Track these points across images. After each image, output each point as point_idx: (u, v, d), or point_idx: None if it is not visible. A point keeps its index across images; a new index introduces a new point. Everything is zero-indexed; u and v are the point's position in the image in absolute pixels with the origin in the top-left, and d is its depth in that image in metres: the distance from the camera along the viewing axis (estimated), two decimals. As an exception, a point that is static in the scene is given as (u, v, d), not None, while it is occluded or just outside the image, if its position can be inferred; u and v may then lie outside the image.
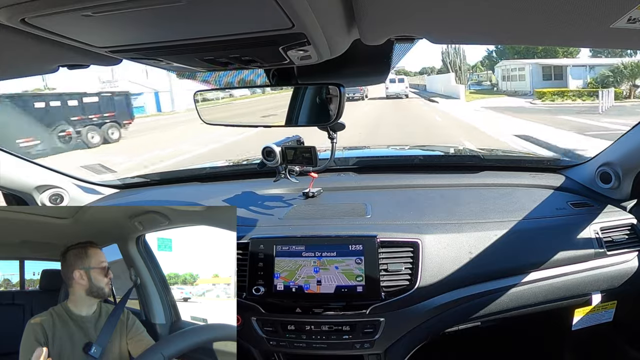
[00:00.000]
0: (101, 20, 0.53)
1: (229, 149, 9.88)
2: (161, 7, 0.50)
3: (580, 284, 1.25)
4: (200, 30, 0.62)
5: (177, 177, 1.86)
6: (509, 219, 1.27)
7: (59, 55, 0.75)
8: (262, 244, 1.20)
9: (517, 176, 1.57)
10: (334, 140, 1.33)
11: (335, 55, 0.81)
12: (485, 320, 1.27)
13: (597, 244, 1.26)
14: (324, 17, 0.59)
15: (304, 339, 1.17)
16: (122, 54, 0.73)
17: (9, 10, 0.50)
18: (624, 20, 0.56)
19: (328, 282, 1.14)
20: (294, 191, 1.54)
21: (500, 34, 0.74)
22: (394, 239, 1.19)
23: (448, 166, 1.76)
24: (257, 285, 1.16)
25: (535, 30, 0.70)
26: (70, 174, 1.62)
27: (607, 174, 1.38)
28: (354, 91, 24.96)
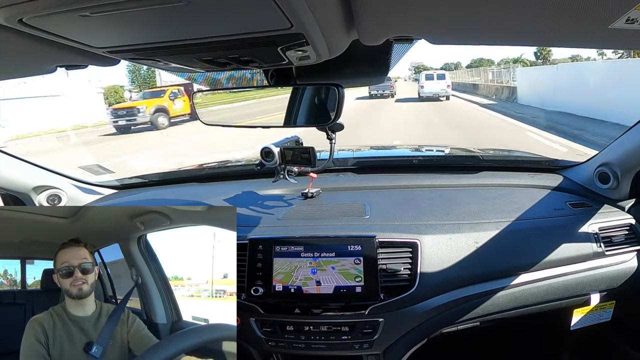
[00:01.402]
0: (99, 21, 0.53)
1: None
2: (159, 8, 0.50)
3: (579, 284, 1.26)
4: (199, 31, 0.62)
5: (175, 177, 1.86)
6: (507, 219, 1.27)
7: (56, 55, 0.75)
8: (261, 245, 1.20)
9: (515, 176, 1.58)
10: (333, 141, 1.33)
11: (334, 55, 0.81)
12: (484, 320, 1.27)
13: (595, 244, 1.26)
14: (322, 17, 0.59)
15: (302, 340, 1.17)
16: (120, 54, 0.73)
17: (6, 11, 0.50)
18: (622, 21, 0.56)
19: (327, 283, 1.14)
20: (293, 192, 1.54)
21: (498, 34, 0.75)
22: (392, 239, 1.19)
23: (447, 166, 1.76)
24: (255, 285, 1.16)
25: (534, 31, 0.70)
26: (68, 175, 1.62)
27: (605, 174, 1.38)
28: (382, 88, 22.17)
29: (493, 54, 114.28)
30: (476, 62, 47.97)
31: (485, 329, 1.33)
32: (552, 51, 37.89)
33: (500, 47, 43.28)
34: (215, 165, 2.03)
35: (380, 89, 22.38)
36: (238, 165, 1.96)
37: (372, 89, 22.44)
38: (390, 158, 2.07)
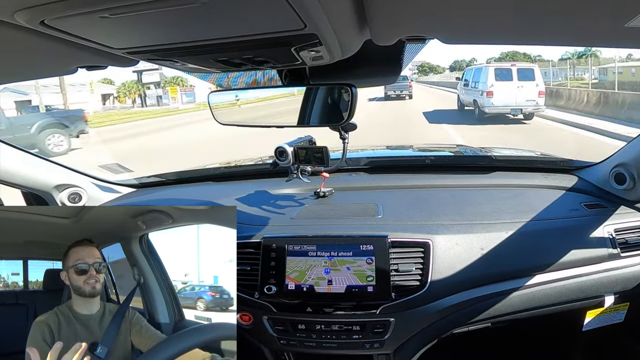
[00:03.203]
0: (118, 22, 0.55)
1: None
2: (177, 9, 0.51)
3: (593, 286, 1.24)
4: (215, 32, 0.63)
5: (192, 176, 1.89)
6: (520, 220, 1.26)
7: (77, 56, 0.77)
8: (274, 243, 1.21)
9: (529, 177, 1.56)
10: (346, 141, 1.33)
11: (346, 55, 0.81)
12: (496, 321, 1.26)
13: (610, 245, 1.24)
14: (335, 17, 0.60)
15: (314, 338, 1.18)
16: (139, 55, 0.74)
17: (28, 13, 0.52)
18: (639, 19, 0.56)
19: (339, 282, 1.15)
20: (306, 191, 1.55)
21: (513, 34, 0.74)
22: (404, 239, 1.19)
23: (459, 167, 1.75)
24: (268, 284, 1.17)
25: (549, 30, 0.70)
26: (89, 173, 1.65)
27: (621, 174, 1.36)
28: (400, 88, 19.68)
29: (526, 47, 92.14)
30: (509, 56, 38.17)
31: (496, 329, 1.32)
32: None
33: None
34: (230, 164, 2.06)
35: (398, 89, 20.01)
36: (252, 164, 1.98)
37: (389, 89, 19.91)
38: (403, 158, 2.07)
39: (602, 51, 27.60)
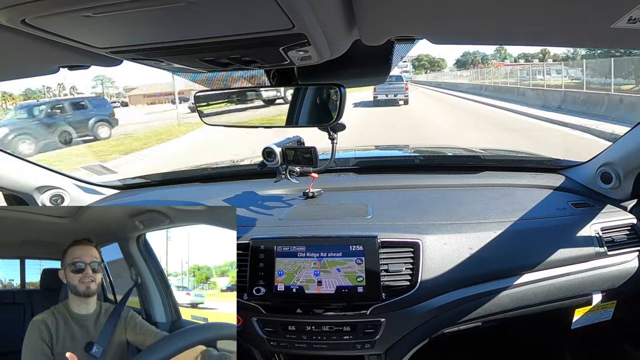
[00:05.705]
0: (102, 21, 0.53)
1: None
2: (162, 8, 0.50)
3: (581, 284, 1.25)
4: (201, 31, 0.62)
5: (177, 177, 1.86)
6: (509, 219, 1.27)
7: (59, 56, 0.75)
8: (263, 245, 1.20)
9: (517, 176, 1.57)
10: (335, 141, 1.33)
11: (335, 55, 0.81)
12: (486, 320, 1.27)
13: (597, 244, 1.25)
14: (324, 17, 0.59)
15: (304, 340, 1.17)
16: (123, 54, 0.73)
17: (9, 11, 0.50)
18: (624, 20, 0.56)
19: (329, 283, 1.14)
20: (295, 192, 1.54)
21: (500, 34, 0.75)
22: (394, 239, 1.18)
23: (449, 167, 1.75)
24: (257, 285, 1.16)
25: (535, 31, 0.70)
26: (71, 175, 1.62)
27: (607, 174, 1.38)
28: (394, 91, 16.40)
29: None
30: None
31: (486, 328, 1.32)
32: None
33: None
34: (216, 165, 2.03)
35: (390, 92, 16.64)
36: (239, 165, 1.96)
37: (379, 91, 16.70)
38: (392, 158, 2.07)
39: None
